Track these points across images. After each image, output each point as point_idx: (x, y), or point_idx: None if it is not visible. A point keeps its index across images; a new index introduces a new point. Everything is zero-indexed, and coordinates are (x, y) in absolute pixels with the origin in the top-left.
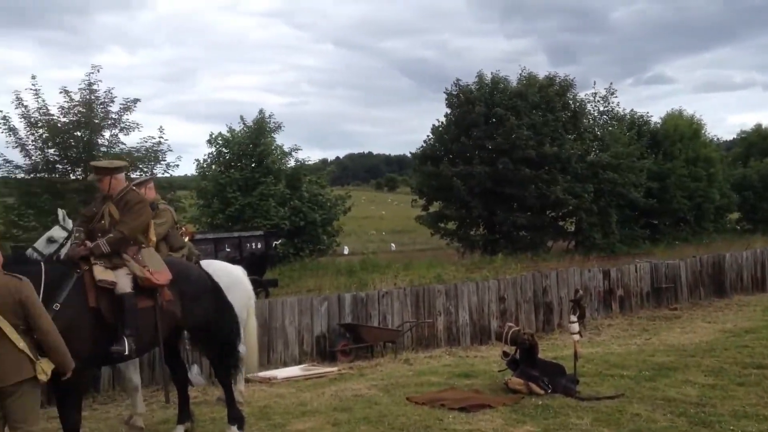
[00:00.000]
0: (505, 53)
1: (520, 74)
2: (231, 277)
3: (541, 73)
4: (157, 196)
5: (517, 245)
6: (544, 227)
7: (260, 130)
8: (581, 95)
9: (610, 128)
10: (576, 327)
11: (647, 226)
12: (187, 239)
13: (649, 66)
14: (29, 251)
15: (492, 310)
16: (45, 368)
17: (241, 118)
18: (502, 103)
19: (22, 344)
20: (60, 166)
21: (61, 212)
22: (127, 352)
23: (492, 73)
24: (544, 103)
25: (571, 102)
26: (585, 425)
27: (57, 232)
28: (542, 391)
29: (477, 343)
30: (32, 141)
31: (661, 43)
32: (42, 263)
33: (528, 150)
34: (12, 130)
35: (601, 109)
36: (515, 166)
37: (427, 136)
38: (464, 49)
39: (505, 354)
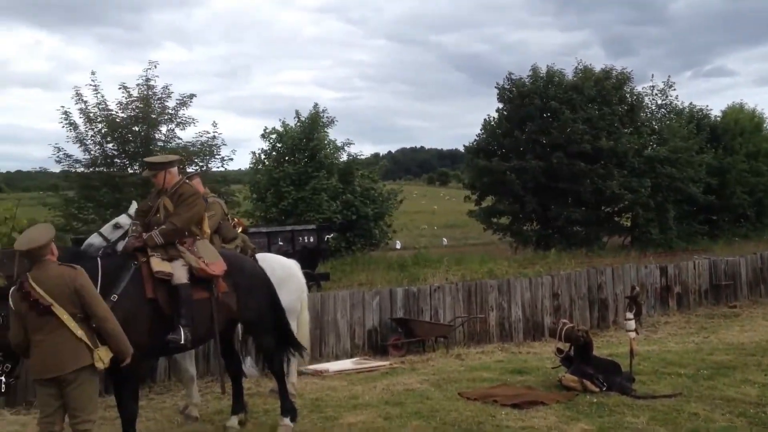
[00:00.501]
0: (561, 46)
1: (576, 67)
2: (286, 270)
3: (598, 66)
4: (206, 190)
5: (571, 241)
6: (599, 222)
7: (314, 125)
8: (639, 88)
9: (668, 122)
10: (632, 324)
11: (706, 222)
12: (240, 230)
13: (709, 58)
14: (94, 235)
15: (545, 306)
16: (103, 356)
17: (296, 112)
18: (557, 96)
19: (80, 332)
20: (118, 161)
21: (133, 203)
22: (182, 342)
23: (547, 66)
24: (600, 96)
25: (628, 95)
26: (641, 424)
27: (123, 219)
28: (597, 389)
29: (530, 339)
30: (91, 136)
31: (721, 35)
32: (98, 258)
33: (583, 144)
34: (72, 125)
35: (659, 102)
36: (570, 160)
37: (480, 130)
38: (518, 43)
39: (559, 351)
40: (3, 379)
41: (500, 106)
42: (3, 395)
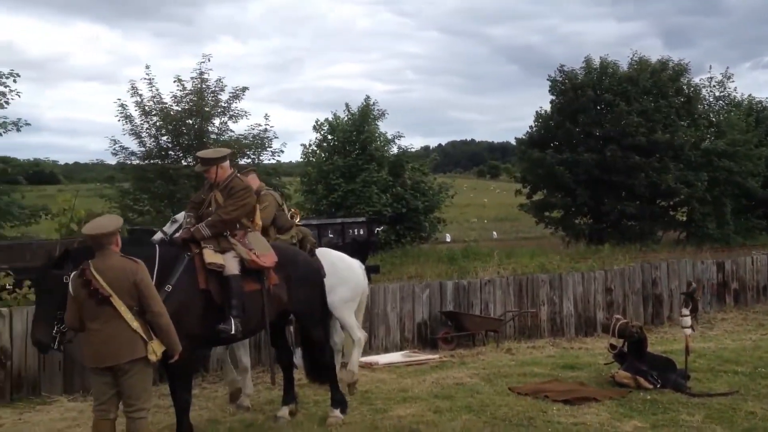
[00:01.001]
0: (616, 37)
1: (631, 58)
2: (347, 267)
3: (654, 58)
4: (261, 184)
5: (624, 235)
6: (653, 217)
7: (364, 117)
8: (696, 80)
9: (726, 114)
10: (688, 321)
11: (765, 217)
12: (297, 220)
13: None
14: (158, 233)
15: (598, 302)
16: (156, 349)
17: (347, 105)
18: (611, 88)
19: (135, 324)
20: (172, 153)
21: None
22: (233, 332)
23: (600, 57)
24: (656, 88)
25: (684, 87)
26: (696, 422)
27: (180, 216)
28: (651, 386)
29: (582, 334)
30: (146, 128)
31: None
32: (156, 246)
33: (638, 137)
34: (128, 118)
35: (717, 94)
36: (624, 153)
37: (532, 123)
38: (573, 34)
39: (612, 346)
40: (58, 337)
41: (553, 98)
42: (57, 351)
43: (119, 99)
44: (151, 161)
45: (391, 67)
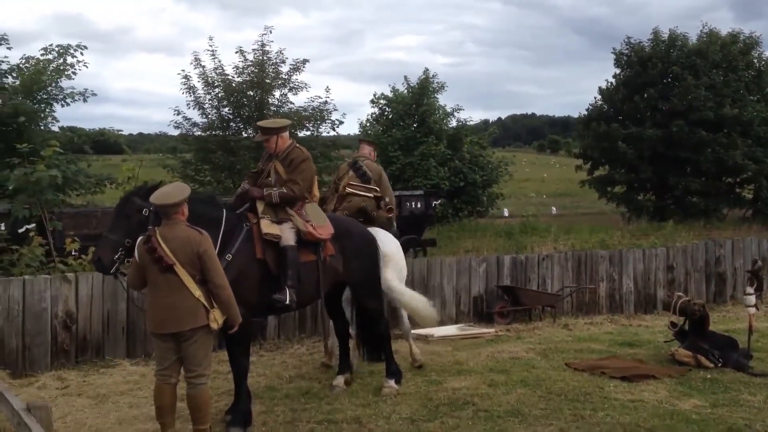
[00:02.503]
0: (686, 8)
1: (701, 31)
2: (389, 248)
3: (724, 30)
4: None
5: (688, 212)
6: (719, 194)
7: (423, 90)
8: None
9: None
10: (752, 299)
11: None
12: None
13: None
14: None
15: (659, 279)
16: (217, 317)
17: (405, 78)
18: (679, 61)
19: (198, 293)
20: (233, 124)
21: None
22: (288, 302)
23: (669, 30)
24: (725, 62)
25: (755, 61)
26: (758, 402)
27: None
28: (712, 365)
29: (641, 312)
30: (209, 100)
31: None
32: (224, 210)
33: (706, 112)
34: (191, 90)
35: None
36: (691, 128)
37: (595, 97)
38: (640, 5)
39: (672, 324)
40: (117, 264)
41: (617, 71)
42: (113, 275)
43: (183, 70)
44: (213, 132)
45: (453, 39)
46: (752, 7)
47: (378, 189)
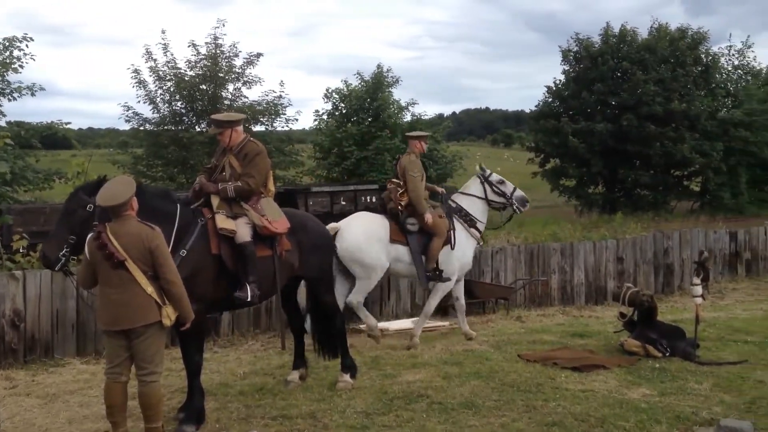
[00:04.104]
0: (639, 4)
1: (651, 26)
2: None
3: (674, 25)
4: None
5: (638, 204)
6: (667, 186)
7: (377, 85)
8: (715, 49)
9: (744, 84)
10: (699, 290)
11: None
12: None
13: None
14: None
15: (609, 270)
16: (170, 314)
17: (359, 73)
18: (629, 56)
19: (150, 289)
20: (186, 119)
21: None
22: (249, 299)
23: (621, 25)
24: (673, 57)
25: (703, 56)
26: (704, 390)
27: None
28: (660, 354)
29: (592, 303)
30: (160, 94)
31: None
32: (178, 204)
33: (654, 106)
34: (142, 84)
35: (736, 63)
36: (640, 123)
37: (543, 94)
38: (594, 1)
39: (622, 315)
40: (63, 260)
41: (565, 68)
42: (61, 272)
43: (133, 64)
44: (165, 127)
45: (410, 33)
46: (702, 3)
47: (401, 182)
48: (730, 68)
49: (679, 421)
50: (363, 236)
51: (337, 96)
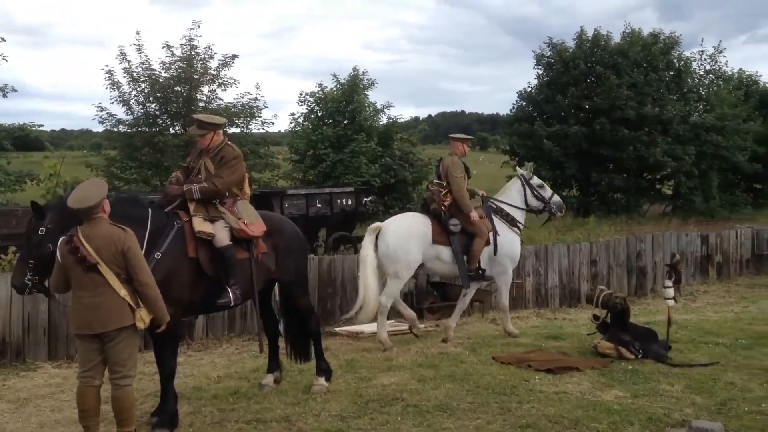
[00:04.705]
0: (613, 9)
1: (624, 31)
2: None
3: (647, 30)
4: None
5: (611, 208)
6: (640, 190)
7: (353, 87)
8: (687, 53)
9: (715, 88)
10: (671, 292)
11: (750, 191)
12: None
13: (765, 23)
14: None
15: (583, 273)
16: (144, 317)
17: (334, 75)
18: (602, 61)
19: (123, 292)
20: (160, 121)
21: None
22: (232, 304)
23: (594, 29)
24: (646, 61)
25: (675, 60)
26: (676, 392)
27: None
28: (632, 356)
29: (566, 305)
30: (134, 96)
31: None
32: (149, 209)
33: (628, 110)
34: (115, 85)
35: (708, 68)
36: (613, 126)
37: (516, 99)
38: (569, 5)
39: (595, 317)
40: (30, 285)
41: (539, 72)
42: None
43: (106, 65)
44: (139, 129)
45: (387, 36)
46: (676, 8)
47: (444, 183)
48: (701, 73)
49: (651, 422)
50: (405, 236)
51: (312, 99)
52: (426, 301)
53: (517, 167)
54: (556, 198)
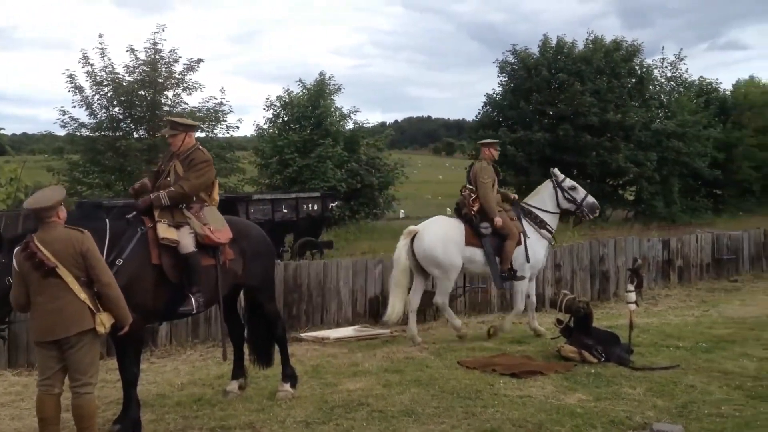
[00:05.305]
0: (578, 16)
1: (587, 38)
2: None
3: (609, 38)
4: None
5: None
6: (603, 195)
7: (320, 93)
8: (649, 61)
9: (676, 95)
10: (633, 296)
11: (711, 196)
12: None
13: (725, 31)
14: None
15: (547, 278)
16: (105, 321)
17: (301, 80)
18: (566, 68)
19: (83, 296)
20: (124, 125)
21: None
22: (195, 311)
23: (557, 36)
24: (609, 68)
25: (637, 68)
26: (638, 395)
27: None
28: (595, 360)
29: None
30: (97, 100)
31: (739, 7)
32: (107, 220)
33: (591, 117)
34: (78, 89)
35: (669, 75)
36: (577, 132)
37: (482, 103)
38: (533, 13)
39: (559, 321)
40: None
41: (502, 79)
42: None
43: (68, 69)
44: (102, 133)
45: (355, 41)
46: (639, 16)
47: (474, 188)
48: (663, 80)
49: (614, 425)
50: (440, 240)
51: (278, 104)
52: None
53: (552, 169)
54: (590, 200)
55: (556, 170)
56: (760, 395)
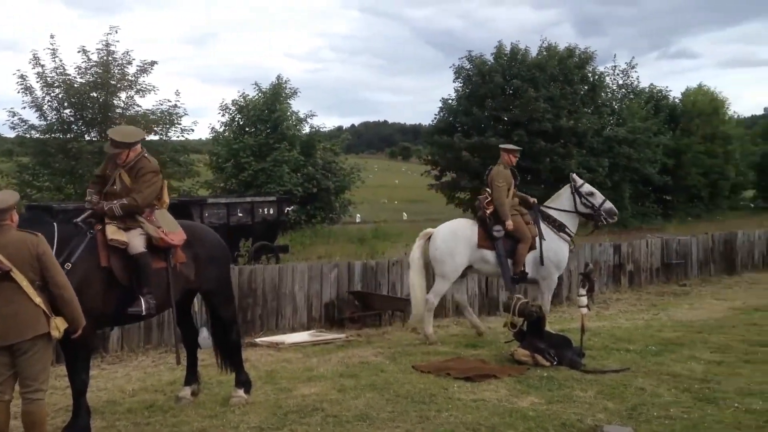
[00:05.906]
0: (532, 24)
1: (541, 45)
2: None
3: (563, 45)
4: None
5: None
6: None
7: (276, 96)
8: (601, 68)
9: (627, 102)
10: (584, 300)
11: (660, 202)
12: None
13: (676, 40)
14: None
15: (501, 282)
16: (59, 325)
17: (256, 84)
18: (520, 74)
19: (38, 300)
20: (75, 127)
21: None
22: (144, 312)
23: (511, 43)
24: (562, 75)
25: (590, 75)
26: (589, 398)
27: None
28: (548, 363)
29: (485, 314)
30: (48, 101)
31: (690, 17)
32: (54, 224)
33: (544, 123)
34: (28, 90)
35: (620, 82)
36: (530, 138)
37: (438, 108)
38: (489, 20)
39: (512, 325)
40: None
41: (458, 85)
42: None
43: (18, 70)
44: (53, 135)
45: (311, 45)
46: (592, 25)
47: (490, 191)
48: (615, 87)
49: (565, 428)
50: (453, 241)
51: (233, 107)
52: (347, 311)
53: (570, 174)
54: (607, 205)
55: (574, 175)
56: (708, 397)
